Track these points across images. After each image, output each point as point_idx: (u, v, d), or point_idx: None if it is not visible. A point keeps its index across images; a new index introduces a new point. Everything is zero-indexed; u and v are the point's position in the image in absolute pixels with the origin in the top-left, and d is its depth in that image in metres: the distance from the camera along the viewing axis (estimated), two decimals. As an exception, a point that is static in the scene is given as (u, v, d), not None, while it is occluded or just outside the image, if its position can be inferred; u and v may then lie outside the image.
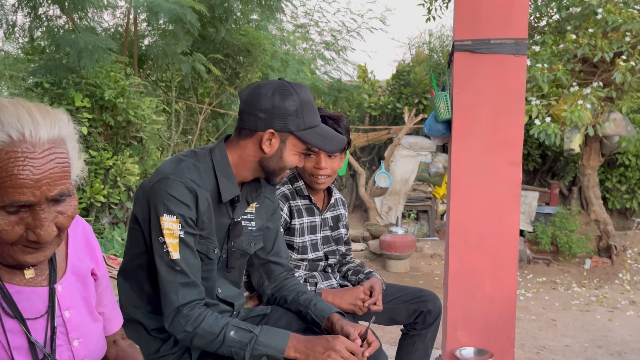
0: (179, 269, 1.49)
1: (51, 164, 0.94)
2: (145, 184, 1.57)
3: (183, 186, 1.51)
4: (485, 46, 2.75)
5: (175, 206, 1.49)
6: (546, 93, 5.97)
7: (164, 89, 8.17)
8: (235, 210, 1.66)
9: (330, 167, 2.11)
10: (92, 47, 5.05)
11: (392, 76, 10.61)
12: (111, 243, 5.10)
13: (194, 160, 1.59)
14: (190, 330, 1.47)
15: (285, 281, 1.86)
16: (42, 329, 1.06)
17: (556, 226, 7.35)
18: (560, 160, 9.68)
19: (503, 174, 2.79)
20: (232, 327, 1.48)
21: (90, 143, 5.39)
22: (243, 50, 7.80)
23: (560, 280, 6.51)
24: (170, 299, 1.48)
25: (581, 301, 5.57)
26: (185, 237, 1.50)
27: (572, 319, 4.93)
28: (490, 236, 2.82)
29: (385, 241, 6.79)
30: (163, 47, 6.41)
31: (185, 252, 1.51)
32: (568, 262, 7.20)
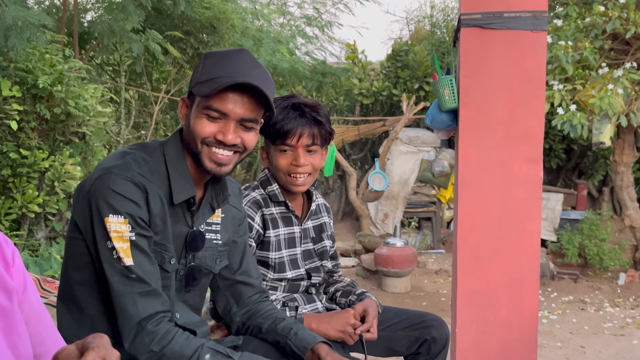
0: (134, 277, 1.49)
1: None
2: (85, 183, 1.57)
3: (129, 181, 1.51)
4: (498, 20, 2.76)
5: (121, 204, 1.49)
6: (571, 76, 6.02)
7: (112, 74, 8.12)
8: (194, 216, 1.66)
9: (310, 164, 2.11)
10: (21, 24, 5.00)
11: (387, 57, 10.65)
12: (48, 262, 5.04)
13: (142, 154, 1.59)
14: (156, 350, 1.47)
15: (258, 305, 1.86)
16: None
17: (584, 234, 7.41)
18: (588, 156, 9.78)
19: (520, 173, 2.81)
20: (207, 350, 1.49)
21: (22, 141, 5.33)
22: (207, 26, 7.79)
23: (590, 299, 6.57)
24: (129, 313, 1.48)
25: (615, 324, 5.62)
26: (137, 239, 1.50)
27: (604, 344, 4.98)
28: (506, 248, 2.84)
29: (381, 255, 6.81)
30: (109, 24, 6.37)
31: (139, 257, 1.51)
32: (599, 277, 7.27)
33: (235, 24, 8.01)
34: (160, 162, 1.60)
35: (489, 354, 2.87)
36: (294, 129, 2.07)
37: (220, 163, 1.59)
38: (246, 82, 1.52)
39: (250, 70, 1.56)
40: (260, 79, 1.56)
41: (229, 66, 1.56)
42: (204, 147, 1.58)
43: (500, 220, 2.83)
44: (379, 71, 10.75)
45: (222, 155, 1.58)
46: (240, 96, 1.55)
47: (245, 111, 1.56)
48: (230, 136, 1.56)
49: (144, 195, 1.53)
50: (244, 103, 1.55)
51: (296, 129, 2.07)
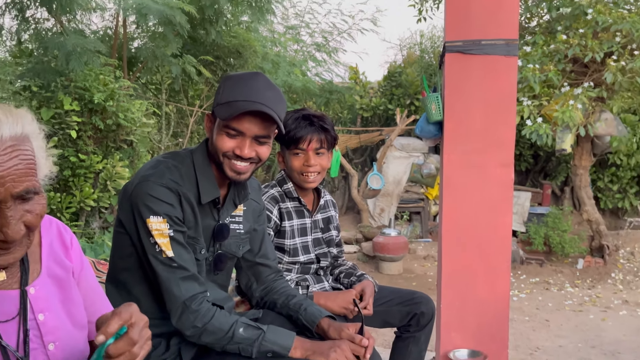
0: (176, 265, 1.50)
1: (15, 161, 0.93)
2: (127, 187, 1.57)
3: (164, 187, 1.51)
4: (476, 47, 2.76)
5: (159, 207, 1.49)
6: (538, 93, 6.00)
7: (154, 92, 8.14)
8: (220, 212, 1.66)
9: (319, 164, 2.11)
10: (80, 50, 5.02)
11: (384, 77, 10.63)
12: (101, 247, 5.07)
13: (174, 161, 1.59)
14: (199, 325, 1.48)
15: (274, 283, 1.87)
16: (14, 332, 1.04)
17: (549, 226, 7.38)
18: (552, 161, 9.74)
19: (495, 175, 2.80)
20: (241, 324, 1.51)
21: (80, 147, 5.36)
22: (234, 52, 7.80)
23: (554, 281, 6.54)
24: (174, 295, 1.49)
25: (574, 301, 5.60)
26: (174, 234, 1.51)
27: (565, 319, 4.96)
28: (482, 237, 2.83)
29: (378, 243, 6.80)
30: (153, 50, 6.39)
31: (178, 249, 1.51)
32: (561, 263, 7.24)
33: (257, 50, 8.01)
34: (189, 168, 1.59)
35: (469, 326, 2.86)
36: (305, 136, 2.08)
37: (239, 172, 1.58)
38: (258, 109, 1.50)
39: (264, 92, 1.54)
40: (273, 101, 1.54)
41: (245, 90, 1.53)
42: (225, 159, 1.57)
43: (478, 214, 2.83)
44: (377, 89, 10.73)
45: (240, 166, 1.57)
46: (254, 117, 1.53)
47: (259, 129, 1.55)
48: (246, 151, 1.55)
49: (177, 198, 1.53)
50: (257, 123, 1.54)
51: (306, 136, 2.08)
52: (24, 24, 5.66)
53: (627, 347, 4.08)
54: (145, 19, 5.72)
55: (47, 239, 1.17)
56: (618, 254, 7.24)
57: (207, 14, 6.60)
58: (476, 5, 2.76)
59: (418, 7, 7.40)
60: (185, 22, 5.87)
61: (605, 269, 6.85)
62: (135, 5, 5.50)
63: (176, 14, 5.70)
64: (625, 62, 5.56)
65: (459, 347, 2.84)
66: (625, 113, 8.53)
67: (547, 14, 6.46)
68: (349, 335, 1.60)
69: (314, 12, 12.15)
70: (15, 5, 5.47)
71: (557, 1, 6.19)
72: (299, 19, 11.46)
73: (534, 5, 6.50)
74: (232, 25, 7.54)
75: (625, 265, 6.97)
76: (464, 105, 2.81)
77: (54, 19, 5.71)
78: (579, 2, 5.95)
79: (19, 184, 0.94)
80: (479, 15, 2.76)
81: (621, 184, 9.20)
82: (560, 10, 6.19)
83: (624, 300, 5.57)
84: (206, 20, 6.81)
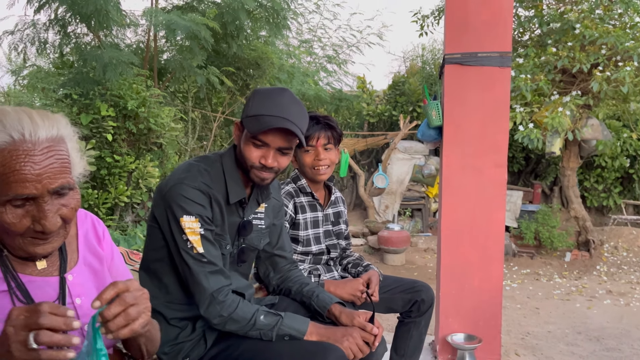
0: (205, 260, 1.51)
1: (50, 160, 0.95)
2: (162, 187, 1.57)
3: (196, 189, 1.52)
4: (473, 59, 2.75)
5: (192, 207, 1.50)
6: (529, 101, 5.95)
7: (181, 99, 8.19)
8: (245, 210, 1.67)
9: (328, 158, 2.13)
10: (116, 62, 5.06)
11: (389, 86, 10.61)
12: (134, 239, 5.11)
13: (204, 165, 1.59)
14: (225, 315, 1.49)
15: (289, 273, 1.87)
16: None
17: (539, 222, 7.32)
18: (542, 163, 9.66)
19: (490, 175, 2.79)
20: (261, 312, 1.51)
21: (115, 148, 5.40)
22: (253, 63, 7.82)
23: (543, 272, 6.49)
24: (203, 287, 1.49)
25: (562, 291, 5.55)
26: (205, 232, 1.52)
27: (554, 307, 4.91)
28: (478, 232, 2.82)
29: (382, 237, 6.78)
30: (180, 61, 6.42)
31: (208, 246, 1.52)
32: (550, 256, 7.18)
33: (274, 61, 8.02)
34: (219, 171, 1.60)
35: (465, 312, 2.85)
36: (314, 133, 2.10)
37: (263, 179, 1.59)
38: (283, 126, 1.50)
39: (290, 108, 1.54)
40: (296, 116, 1.54)
41: (272, 105, 1.53)
42: (253, 169, 1.58)
43: (474, 211, 2.82)
44: (382, 97, 10.70)
45: (265, 174, 1.58)
46: (279, 132, 1.53)
47: (282, 142, 1.55)
48: (269, 161, 1.55)
49: (208, 199, 1.53)
50: (281, 137, 1.54)
51: (314, 133, 2.10)
52: (66, 39, 5.72)
53: (610, 333, 4.04)
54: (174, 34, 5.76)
55: (82, 231, 1.19)
56: (603, 248, 7.17)
57: (229, 30, 6.63)
58: (473, 21, 2.75)
59: (420, 23, 7.37)
60: (209, 37, 5.90)
61: (591, 262, 6.79)
62: (165, 21, 5.53)
63: (201, 30, 5.73)
64: (610, 72, 5.50)
65: (456, 331, 2.83)
66: (610, 119, 8.45)
67: (539, 29, 6.41)
68: (361, 323, 1.59)
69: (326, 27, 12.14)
70: (59, 22, 5.54)
71: (548, 17, 6.14)
72: (312, 33, 11.47)
73: (527, 20, 6.44)
74: (251, 39, 7.56)
75: (610, 259, 6.90)
76: (462, 112, 2.80)
77: (92, 34, 5.77)
78: (567, 18, 5.90)
79: (54, 181, 0.96)
80: (475, 30, 2.75)
81: (606, 184, 9.11)
82: (550, 25, 6.14)
83: (608, 290, 5.51)
84: (228, 35, 6.83)
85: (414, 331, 2.28)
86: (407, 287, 2.27)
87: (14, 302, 1.01)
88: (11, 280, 1.02)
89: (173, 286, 1.59)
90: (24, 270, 1.05)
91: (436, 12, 7.37)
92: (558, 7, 6.30)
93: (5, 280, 1.01)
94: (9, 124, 0.94)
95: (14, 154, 0.92)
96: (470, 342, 2.75)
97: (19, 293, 1.02)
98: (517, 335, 3.99)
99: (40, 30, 5.65)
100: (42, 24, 5.61)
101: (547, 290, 5.57)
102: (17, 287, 1.03)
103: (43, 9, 5.38)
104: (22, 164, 0.92)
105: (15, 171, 0.92)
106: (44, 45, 5.78)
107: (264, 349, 1.49)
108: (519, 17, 6.60)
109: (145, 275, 1.65)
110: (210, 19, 5.92)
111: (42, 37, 5.72)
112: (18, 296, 1.02)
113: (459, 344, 2.74)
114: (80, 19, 5.39)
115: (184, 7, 6.67)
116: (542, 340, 3.90)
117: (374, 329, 1.57)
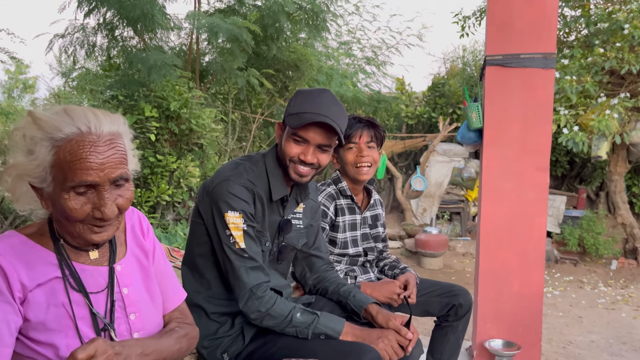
0: (246, 256, 1.54)
1: (112, 151, 1.04)
2: (208, 184, 1.62)
3: (242, 186, 1.56)
4: (515, 60, 2.70)
5: (237, 203, 1.54)
6: (574, 103, 5.79)
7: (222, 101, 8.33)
8: (285, 208, 1.69)
9: (371, 156, 2.12)
10: (160, 64, 5.19)
11: (428, 88, 10.49)
12: (174, 237, 5.22)
13: (249, 164, 1.64)
14: (263, 310, 1.52)
15: (325, 273, 1.89)
16: (102, 303, 1.12)
17: (583, 228, 7.10)
18: (587, 167, 9.34)
19: (531, 179, 2.74)
20: (298, 310, 1.54)
21: (157, 148, 5.53)
22: (292, 65, 7.88)
23: (587, 280, 6.29)
24: (243, 282, 1.53)
25: (607, 300, 5.36)
26: (247, 229, 1.55)
27: (598, 316, 4.76)
28: (518, 237, 2.77)
29: (420, 240, 6.72)
30: (221, 64, 6.53)
31: (249, 242, 1.56)
32: (595, 263, 6.94)
33: (313, 63, 8.06)
34: (262, 170, 1.64)
35: (504, 318, 2.80)
36: (356, 131, 2.11)
37: (302, 175, 1.62)
38: (322, 120, 1.54)
39: (330, 107, 1.58)
40: (336, 115, 1.58)
41: (313, 103, 1.57)
42: (291, 163, 1.61)
43: (515, 215, 2.77)
44: (421, 99, 10.60)
45: (303, 169, 1.61)
46: (319, 128, 1.57)
47: (322, 139, 1.59)
48: (309, 157, 1.59)
49: (252, 196, 1.57)
50: (321, 133, 1.58)
51: (357, 131, 2.12)
52: (113, 42, 5.92)
53: (658, 345, 3.88)
54: (216, 37, 5.86)
55: (130, 225, 1.25)
56: (651, 256, 6.88)
57: (269, 32, 6.70)
58: (516, 22, 2.70)
59: (461, 24, 7.27)
60: (250, 39, 5.99)
61: (638, 270, 6.53)
62: (208, 24, 5.65)
63: (242, 32, 5.82)
64: (661, 74, 5.29)
65: (494, 337, 2.79)
66: (661, 122, 8.10)
67: (585, 29, 6.22)
68: (396, 326, 1.60)
69: (365, 29, 12.09)
70: (107, 26, 5.73)
71: (595, 17, 5.95)
72: (351, 35, 11.46)
73: (573, 20, 6.26)
74: (291, 41, 7.62)
75: (659, 268, 6.62)
76: (503, 114, 2.76)
77: (138, 37, 5.95)
78: (616, 18, 5.70)
79: (115, 170, 1.04)
80: (518, 31, 2.70)
81: (656, 190, 8.74)
82: (597, 25, 5.95)
83: (656, 301, 5.30)
84: (268, 37, 6.91)
85: (450, 335, 2.26)
86: (444, 291, 2.25)
87: (67, 288, 1.08)
88: (65, 268, 1.09)
89: (215, 281, 1.64)
90: (78, 259, 1.12)
91: (478, 13, 7.25)
92: (606, 6, 6.10)
93: (60, 268, 1.08)
94: (76, 118, 1.03)
95: (80, 144, 1.01)
96: (508, 348, 2.70)
97: (72, 280, 1.09)
98: (559, 344, 3.89)
99: (89, 34, 5.86)
100: (91, 28, 5.82)
101: (591, 299, 5.39)
102: (71, 274, 1.10)
103: (92, 13, 5.58)
104: (88, 153, 1.01)
105: (81, 159, 1.00)
106: (92, 48, 5.98)
107: (300, 346, 1.51)
108: (565, 17, 6.42)
109: (187, 271, 1.70)
110: (252, 21, 6.00)
111: (91, 40, 5.92)
112: (71, 283, 1.09)
113: (497, 350, 2.69)
114: (127, 22, 5.56)
115: (226, 11, 6.79)
116: (584, 349, 3.78)
117: (408, 334, 1.57)
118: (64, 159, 1.00)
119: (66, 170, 1.01)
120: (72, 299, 1.08)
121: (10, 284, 1.02)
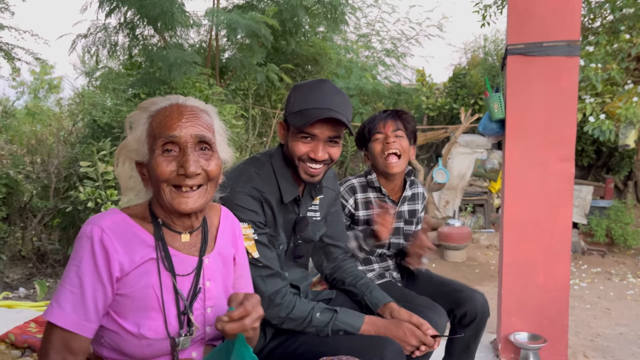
0: (261, 265, 1.53)
1: (195, 117, 1.19)
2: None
3: (248, 195, 1.53)
4: (538, 49, 2.65)
5: (244, 214, 1.51)
6: (600, 91, 5.66)
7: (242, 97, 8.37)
8: (300, 207, 1.68)
9: (398, 143, 2.03)
10: (180, 62, 5.23)
11: (449, 79, 10.38)
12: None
13: (255, 168, 1.60)
14: (283, 316, 1.54)
15: (342, 262, 1.88)
16: (186, 289, 1.20)
17: (611, 219, 6.95)
18: (615, 156, 9.13)
19: (556, 169, 2.69)
20: (317, 310, 1.55)
21: (181, 145, 5.58)
22: (311, 59, 7.87)
23: (615, 271, 6.16)
24: (260, 290, 1.52)
25: (636, 291, 5.25)
26: (259, 237, 1.54)
27: (626, 308, 4.66)
28: (543, 228, 2.73)
29: (442, 232, 6.67)
30: (241, 60, 6.56)
31: (263, 250, 1.54)
32: (623, 254, 6.80)
33: (332, 57, 8.04)
34: (269, 172, 1.61)
35: (529, 311, 2.77)
36: (380, 121, 2.06)
37: (312, 175, 1.57)
38: (328, 115, 1.50)
39: (332, 98, 1.53)
40: (340, 105, 1.53)
41: (314, 97, 1.53)
42: (300, 162, 1.56)
43: (539, 206, 2.73)
44: (442, 90, 10.48)
45: (313, 168, 1.56)
46: (325, 122, 1.53)
47: (330, 132, 1.54)
48: (320, 153, 1.54)
49: (259, 204, 1.55)
50: (329, 127, 1.54)
51: (381, 120, 2.06)
52: (134, 41, 5.99)
53: (690, 337, 3.79)
54: (235, 33, 5.88)
55: (223, 225, 1.33)
56: (683, 246, 6.71)
57: (288, 27, 6.70)
58: (538, 9, 2.65)
59: (482, 13, 7.16)
60: (269, 34, 5.99)
61: (669, 261, 6.38)
62: (226, 20, 5.67)
63: (261, 28, 5.83)
64: (691, 58, 5.13)
65: (520, 330, 2.76)
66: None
67: (611, 15, 6.06)
68: (419, 321, 1.59)
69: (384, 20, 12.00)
70: (128, 25, 5.80)
71: (621, 2, 5.80)
72: (370, 27, 11.39)
73: (597, 6, 6.11)
74: (309, 35, 7.61)
75: (690, 258, 6.45)
76: (525, 104, 2.71)
77: (158, 35, 6.00)
78: (643, 2, 5.55)
79: (196, 128, 1.17)
80: (541, 19, 2.65)
81: (687, 179, 8.49)
82: (623, 11, 5.79)
83: (688, 292, 5.16)
84: (287, 32, 6.91)
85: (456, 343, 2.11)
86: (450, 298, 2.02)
87: (159, 270, 1.16)
88: (161, 251, 1.18)
89: None
90: (172, 244, 1.21)
91: (499, 1, 7.13)
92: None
93: (156, 250, 1.18)
94: (169, 97, 1.23)
95: (169, 110, 1.19)
96: (534, 341, 2.66)
97: (166, 262, 1.18)
98: (586, 337, 3.82)
99: (110, 33, 5.94)
100: (112, 27, 5.89)
101: (620, 291, 5.28)
102: (165, 257, 1.18)
103: (113, 12, 5.65)
104: (175, 114, 1.17)
105: (167, 118, 1.17)
106: (114, 48, 6.07)
107: (321, 342, 1.51)
108: (589, 2, 6.27)
109: None
110: (270, 16, 6.01)
111: (113, 39, 6.00)
112: (165, 265, 1.17)
113: (522, 343, 2.66)
114: (147, 21, 5.62)
115: (244, 6, 6.81)
116: (612, 342, 3.71)
117: (429, 330, 1.56)
118: (155, 124, 1.17)
119: (156, 132, 1.16)
120: (162, 282, 1.16)
121: (110, 265, 1.11)
